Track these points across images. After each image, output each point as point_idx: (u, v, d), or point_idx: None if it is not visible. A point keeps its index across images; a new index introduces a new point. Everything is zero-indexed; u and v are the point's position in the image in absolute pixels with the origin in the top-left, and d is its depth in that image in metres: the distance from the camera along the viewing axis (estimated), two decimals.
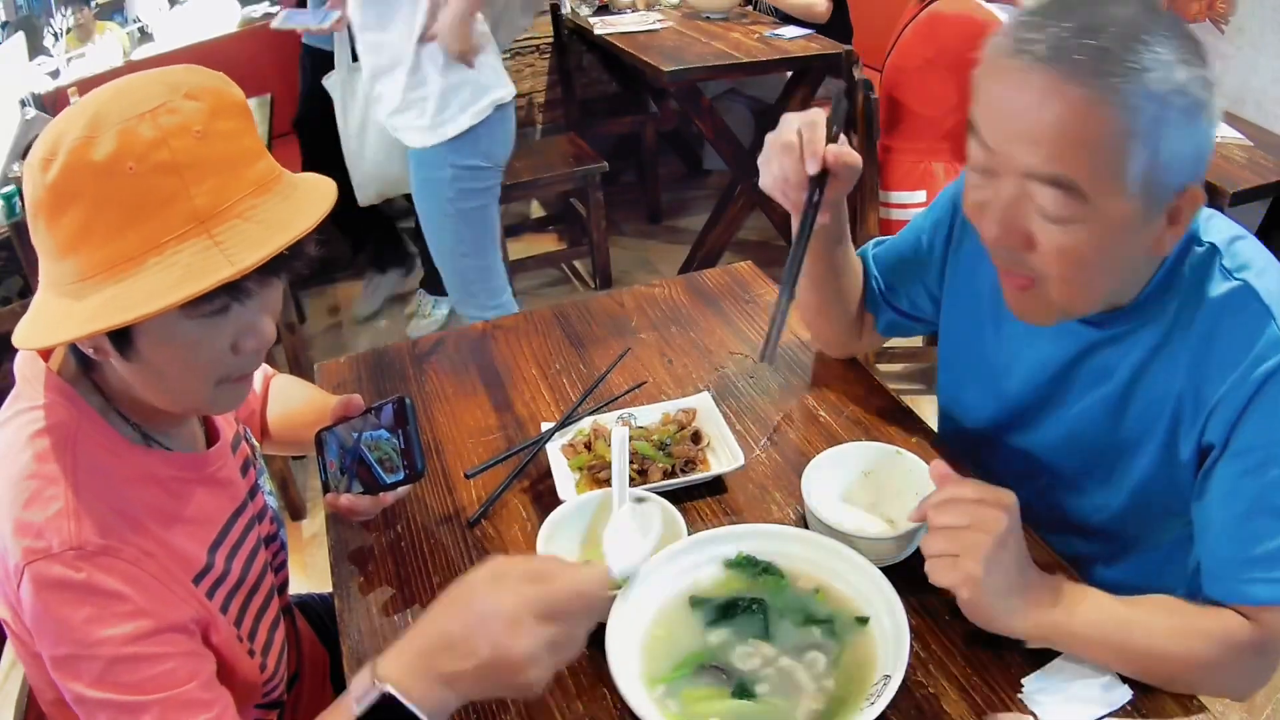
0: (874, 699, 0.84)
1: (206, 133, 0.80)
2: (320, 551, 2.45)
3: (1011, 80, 0.86)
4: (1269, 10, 2.78)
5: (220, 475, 1.01)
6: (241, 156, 0.83)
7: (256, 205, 0.83)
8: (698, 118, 3.49)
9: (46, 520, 0.82)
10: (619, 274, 3.69)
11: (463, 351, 1.52)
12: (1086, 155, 0.84)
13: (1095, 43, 0.82)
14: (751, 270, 1.69)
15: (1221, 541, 0.94)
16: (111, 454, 0.89)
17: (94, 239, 0.79)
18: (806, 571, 1.00)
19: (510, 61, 4.41)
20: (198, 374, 0.89)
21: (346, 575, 1.12)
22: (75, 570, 0.81)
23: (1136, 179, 0.85)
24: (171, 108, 0.79)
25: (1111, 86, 0.82)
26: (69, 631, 0.81)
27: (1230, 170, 2.37)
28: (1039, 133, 0.85)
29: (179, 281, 0.78)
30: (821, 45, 3.37)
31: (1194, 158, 0.87)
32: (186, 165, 0.79)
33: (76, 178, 0.78)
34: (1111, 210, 0.86)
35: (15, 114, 3.07)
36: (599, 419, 1.27)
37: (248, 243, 0.81)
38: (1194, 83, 0.83)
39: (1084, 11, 0.85)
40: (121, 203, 0.78)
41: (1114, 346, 1.03)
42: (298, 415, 1.27)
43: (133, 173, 0.77)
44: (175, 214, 0.79)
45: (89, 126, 0.78)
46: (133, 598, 0.83)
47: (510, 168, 3.45)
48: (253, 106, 0.89)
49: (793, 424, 1.28)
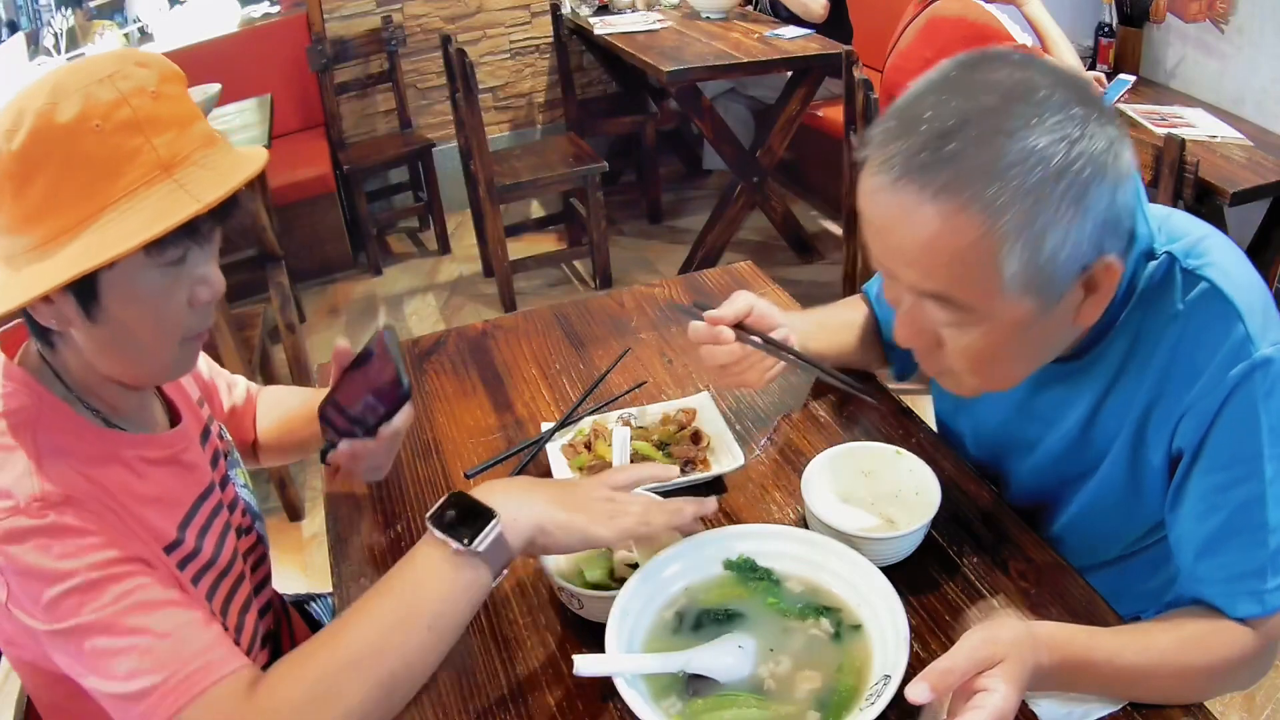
0: (874, 699, 0.84)
1: (159, 94, 0.86)
2: (320, 551, 2.46)
3: (877, 201, 0.83)
4: (1269, 10, 2.78)
5: (185, 457, 1.02)
6: (190, 115, 0.89)
7: (209, 154, 0.88)
8: (698, 118, 3.49)
9: (11, 481, 0.83)
10: (619, 274, 3.69)
11: (463, 351, 1.52)
12: (955, 270, 0.81)
13: (948, 148, 0.77)
14: (751, 270, 1.69)
15: (1201, 560, 0.93)
16: (75, 436, 0.90)
17: (62, 201, 0.82)
18: (806, 572, 1.00)
19: (510, 61, 4.42)
20: (165, 329, 0.91)
21: (346, 575, 1.12)
22: (40, 516, 0.82)
23: (1015, 282, 0.80)
24: (125, 74, 0.84)
25: (968, 196, 0.77)
26: (44, 574, 0.81)
27: (1230, 170, 2.38)
28: (907, 253, 0.82)
29: (151, 220, 0.82)
30: (821, 45, 3.37)
31: (1094, 235, 0.80)
32: (146, 121, 0.84)
33: (44, 141, 0.81)
34: (1002, 312, 0.83)
35: None
36: (599, 419, 1.27)
37: (207, 184, 0.86)
38: (1077, 161, 0.77)
39: (942, 112, 0.78)
40: (90, 160, 0.82)
41: (1074, 378, 1.01)
42: (295, 417, 1.28)
43: (99, 130, 0.81)
44: (141, 164, 0.84)
45: (51, 95, 0.82)
46: (100, 534, 0.84)
47: (510, 168, 3.47)
48: (253, 106, 0.91)
49: (793, 424, 1.28)
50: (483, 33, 4.32)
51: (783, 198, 3.81)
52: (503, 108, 4.50)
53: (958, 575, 1.03)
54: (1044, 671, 0.83)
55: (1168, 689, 0.89)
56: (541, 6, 4.32)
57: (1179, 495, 0.95)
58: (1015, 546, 1.05)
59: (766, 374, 1.15)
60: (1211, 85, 2.97)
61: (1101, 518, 1.07)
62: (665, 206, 4.29)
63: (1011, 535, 1.07)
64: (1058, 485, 1.10)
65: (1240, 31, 2.87)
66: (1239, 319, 0.89)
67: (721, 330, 1.10)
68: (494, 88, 4.43)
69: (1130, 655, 0.87)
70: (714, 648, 0.92)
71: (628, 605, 0.95)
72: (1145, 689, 0.88)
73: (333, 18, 4.04)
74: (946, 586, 1.01)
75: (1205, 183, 2.19)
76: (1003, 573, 1.02)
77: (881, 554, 1.00)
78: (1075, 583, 1.01)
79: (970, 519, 1.10)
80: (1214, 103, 2.91)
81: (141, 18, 4.01)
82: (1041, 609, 0.98)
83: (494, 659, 0.99)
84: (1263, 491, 0.89)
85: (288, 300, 2.74)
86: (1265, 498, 0.89)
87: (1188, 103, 2.91)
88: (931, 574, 1.03)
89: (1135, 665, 0.87)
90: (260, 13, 4.17)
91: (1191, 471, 0.93)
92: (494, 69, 4.39)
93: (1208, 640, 0.91)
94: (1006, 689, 0.78)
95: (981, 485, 1.14)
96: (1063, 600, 0.99)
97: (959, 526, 1.08)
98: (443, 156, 4.06)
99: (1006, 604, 0.99)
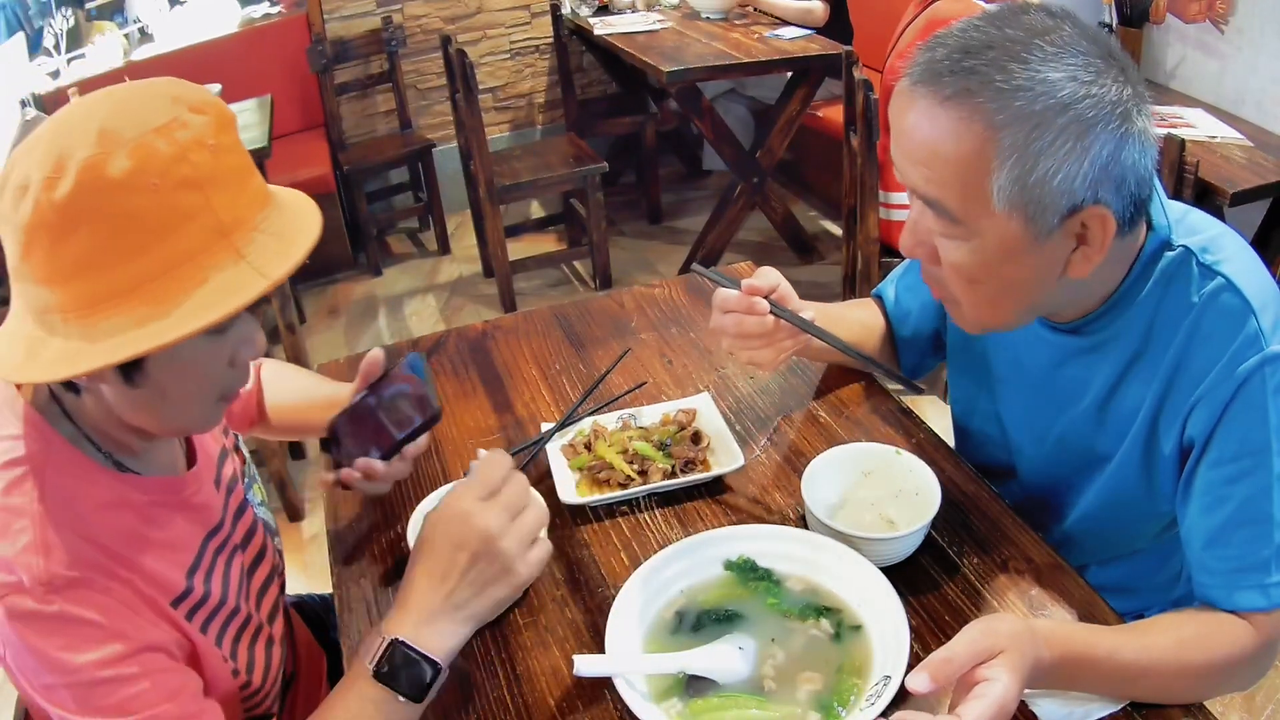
0: (874, 699, 0.84)
1: (219, 147, 0.79)
2: (320, 551, 2.45)
3: (899, 103, 0.89)
4: (1269, 10, 2.78)
5: (195, 500, 0.98)
6: (246, 168, 0.83)
7: (267, 216, 0.83)
8: (698, 118, 3.49)
9: (15, 555, 0.80)
10: (619, 274, 3.69)
11: (463, 352, 1.52)
12: (951, 175, 0.86)
13: (966, 63, 0.83)
14: (751, 270, 1.68)
15: (1208, 551, 0.94)
16: (82, 481, 0.87)
17: (107, 261, 0.76)
18: (806, 572, 1.00)
19: (510, 61, 4.42)
20: (204, 391, 0.88)
21: (346, 575, 1.12)
22: (46, 603, 0.80)
23: (1003, 196, 0.84)
24: (182, 122, 0.78)
25: (973, 106, 0.82)
26: (46, 661, 0.81)
27: (1230, 170, 2.38)
28: (917, 155, 0.88)
29: (215, 297, 0.77)
30: (821, 45, 3.37)
31: (1090, 177, 0.83)
32: (206, 179, 0.78)
33: (92, 195, 0.74)
34: (989, 230, 0.87)
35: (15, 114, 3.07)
36: (599, 419, 1.27)
37: (270, 254, 0.80)
38: (1084, 101, 0.81)
39: (970, 35, 0.85)
40: (143, 220, 0.76)
41: (1090, 356, 1.03)
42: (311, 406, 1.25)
43: (155, 189, 0.75)
44: (200, 229, 0.78)
45: (100, 143, 0.75)
46: (105, 624, 0.82)
47: (510, 168, 3.47)
48: (253, 107, 0.89)
49: (793, 424, 1.28)
50: (483, 33, 4.31)
51: (783, 198, 3.81)
52: (503, 108, 4.50)
53: (958, 575, 1.03)
54: (1045, 667, 0.83)
55: (1168, 687, 0.89)
56: (541, 7, 4.32)
57: (1188, 487, 0.96)
58: (1015, 546, 1.05)
59: (780, 356, 1.14)
60: (1211, 85, 2.97)
61: (1116, 511, 1.08)
62: (665, 207, 4.29)
63: (1011, 535, 1.07)
64: (1073, 473, 1.10)
65: (1240, 32, 2.87)
66: (1252, 315, 0.91)
67: (758, 301, 1.10)
68: (494, 88, 4.42)
69: (1131, 652, 0.88)
70: (714, 648, 0.92)
71: (628, 605, 0.96)
72: (1145, 687, 0.89)
73: (333, 18, 4.04)
74: (946, 586, 1.01)
75: (1205, 183, 2.19)
76: (1003, 573, 1.02)
77: (881, 554, 1.00)
78: (1075, 583, 1.01)
79: (970, 519, 1.10)
80: (1214, 103, 2.91)
81: (141, 18, 4.01)
82: (1041, 609, 0.98)
83: (494, 659, 0.99)
84: (1270, 485, 0.91)
85: (287, 300, 2.74)
86: (1272, 491, 0.91)
87: (1187, 103, 2.91)
88: (931, 574, 1.03)
89: (1136, 662, 0.87)
90: (260, 13, 4.16)
91: (1200, 463, 0.94)
92: (494, 69, 4.39)
93: (1209, 639, 0.91)
94: (1008, 679, 0.78)
95: (981, 485, 1.14)
96: (1063, 600, 0.99)
97: (959, 526, 1.08)
98: (443, 157, 4.06)
99: (1006, 604, 0.99)
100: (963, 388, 1.26)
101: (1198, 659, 0.89)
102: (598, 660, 0.89)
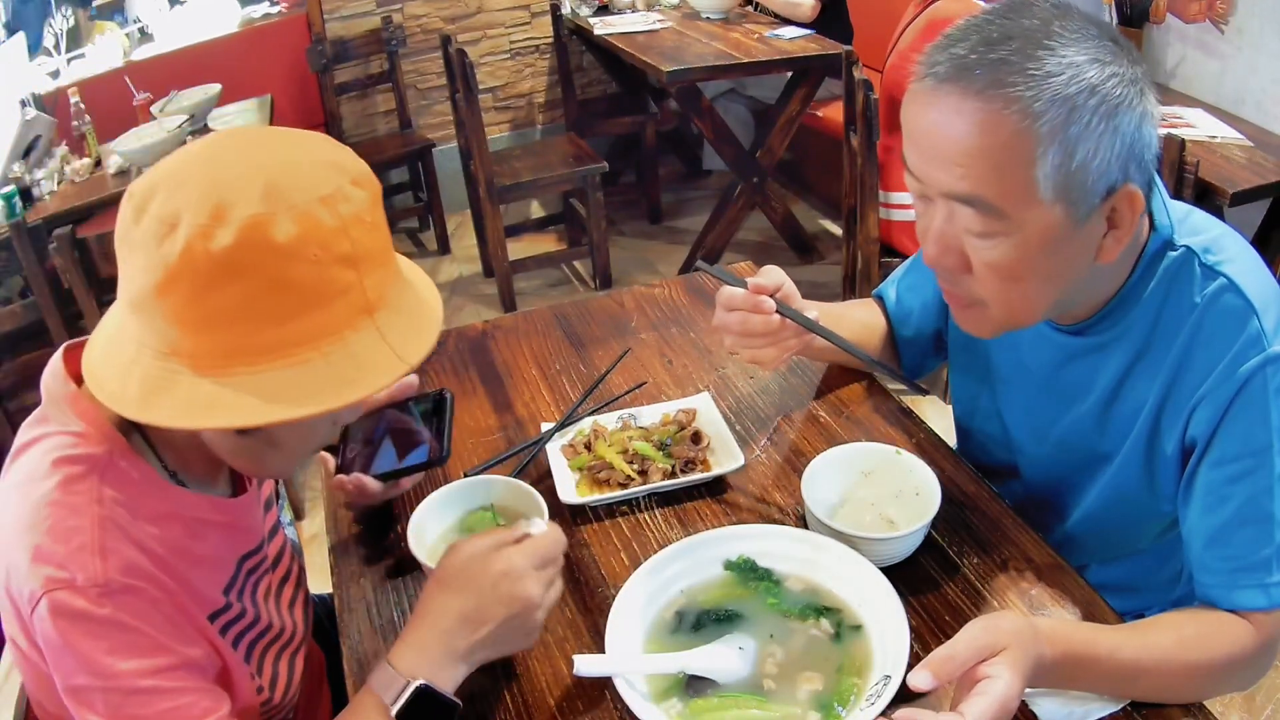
0: (874, 699, 0.84)
1: (374, 225, 0.81)
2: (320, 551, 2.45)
3: (921, 104, 0.87)
4: (1269, 10, 2.78)
5: (243, 522, 1.00)
6: (390, 247, 0.85)
7: (401, 293, 0.84)
8: (698, 118, 3.49)
9: (69, 552, 0.80)
10: (619, 274, 3.69)
11: (463, 351, 1.52)
12: (993, 169, 0.84)
13: (993, 55, 0.83)
14: (751, 270, 1.68)
15: (1209, 550, 0.94)
16: (142, 488, 0.87)
17: (251, 320, 0.76)
18: (806, 572, 1.00)
19: (510, 61, 4.42)
20: (310, 446, 0.91)
21: (346, 575, 1.12)
22: (98, 606, 0.80)
23: (1049, 185, 0.84)
24: (345, 195, 0.78)
25: (1009, 96, 0.82)
26: (87, 663, 0.80)
27: (1230, 170, 2.38)
28: (948, 153, 0.86)
29: (361, 375, 0.78)
30: (821, 45, 3.37)
31: (1121, 157, 0.85)
32: (363, 257, 0.79)
33: (254, 253, 0.73)
34: (1033, 221, 0.86)
35: (15, 114, 3.07)
36: (599, 419, 1.27)
37: (404, 334, 0.82)
38: (1109, 81, 0.82)
39: (988, 28, 0.85)
40: (299, 288, 0.76)
41: (1093, 356, 1.03)
42: None
43: (315, 260, 0.75)
44: (348, 306, 0.78)
45: (265, 201, 0.74)
46: (152, 633, 0.82)
47: (510, 168, 3.47)
48: (253, 107, 0.89)
49: (793, 424, 1.28)
50: (483, 33, 4.32)
51: (783, 198, 3.81)
52: (503, 108, 4.50)
53: (958, 575, 1.03)
54: (1046, 665, 0.83)
55: (1168, 686, 0.89)
56: (541, 7, 4.32)
57: (1189, 487, 0.97)
58: (1015, 546, 1.06)
59: (783, 355, 1.14)
60: (1211, 86, 2.97)
61: (1117, 510, 1.08)
62: (665, 207, 4.29)
63: (1011, 535, 1.07)
64: (1075, 473, 1.11)
65: (1240, 32, 2.87)
66: (1254, 315, 0.91)
67: (764, 299, 1.10)
68: (494, 88, 4.42)
69: (1131, 651, 0.88)
70: (714, 648, 0.92)
71: (628, 605, 0.96)
72: (1146, 686, 0.89)
73: (333, 18, 4.04)
74: (946, 586, 1.01)
75: (1205, 183, 2.19)
76: (1003, 572, 1.03)
77: (881, 554, 1.00)
78: (1075, 582, 1.01)
79: (970, 519, 1.10)
80: (1214, 103, 2.91)
81: (142, 18, 4.01)
82: (1041, 608, 0.98)
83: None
84: (1271, 485, 0.91)
85: None
86: (1273, 491, 0.91)
87: (1187, 103, 2.91)
88: (931, 574, 1.03)
89: (1136, 661, 0.87)
90: (260, 13, 4.16)
91: (1202, 463, 0.95)
92: (494, 69, 4.39)
93: (1209, 638, 0.91)
94: (1010, 676, 0.78)
95: (981, 485, 1.15)
96: (1063, 600, 0.99)
97: (959, 526, 1.08)
98: (443, 157, 4.06)
99: (1006, 604, 0.99)
100: (965, 387, 1.26)
101: (1198, 658, 0.89)
102: (598, 660, 0.89)
